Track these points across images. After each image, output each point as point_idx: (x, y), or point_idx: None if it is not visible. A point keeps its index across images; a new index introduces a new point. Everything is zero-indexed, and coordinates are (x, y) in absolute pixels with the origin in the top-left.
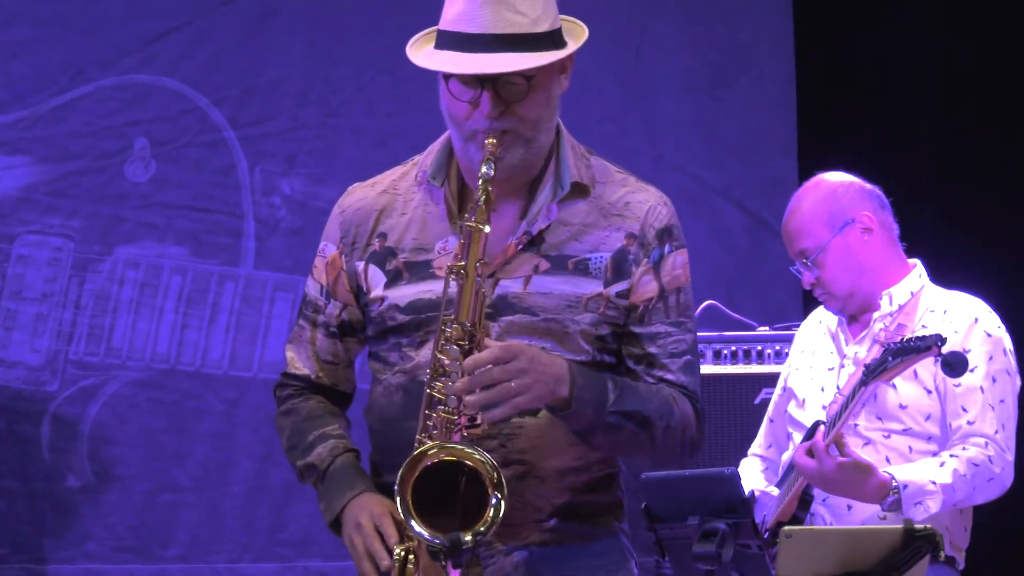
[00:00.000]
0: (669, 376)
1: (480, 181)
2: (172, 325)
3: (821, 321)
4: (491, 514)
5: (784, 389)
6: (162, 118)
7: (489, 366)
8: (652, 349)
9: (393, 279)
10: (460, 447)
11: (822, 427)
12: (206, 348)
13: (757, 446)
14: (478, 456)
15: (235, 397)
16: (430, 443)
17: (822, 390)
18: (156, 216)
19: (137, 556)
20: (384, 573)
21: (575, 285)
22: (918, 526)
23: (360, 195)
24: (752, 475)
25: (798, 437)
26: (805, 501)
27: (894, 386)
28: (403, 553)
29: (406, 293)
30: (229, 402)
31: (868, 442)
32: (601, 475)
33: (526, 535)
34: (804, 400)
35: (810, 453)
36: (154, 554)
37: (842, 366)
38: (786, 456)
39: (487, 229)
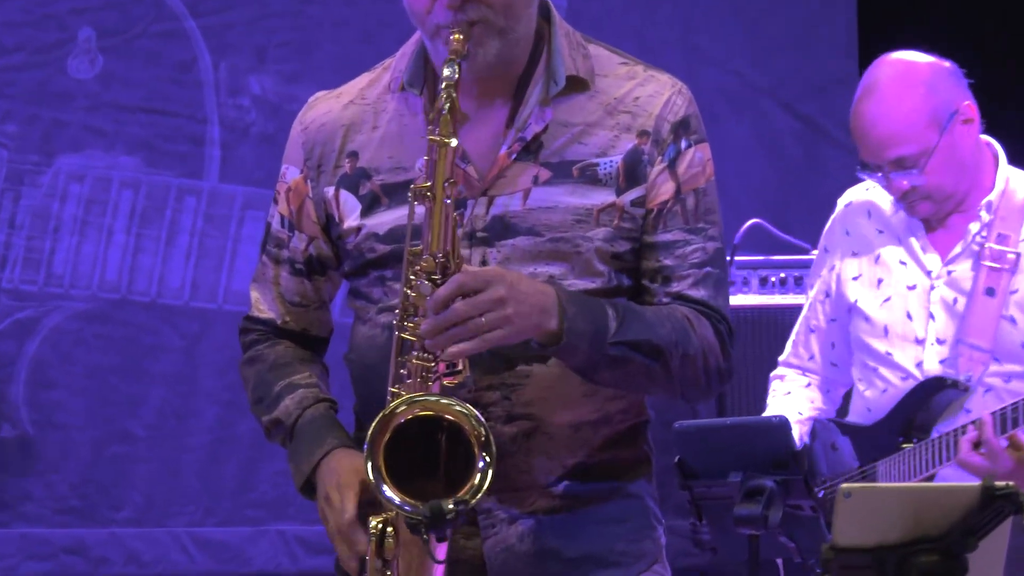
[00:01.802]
0: (686, 291)
1: (443, 86)
2: (123, 248)
3: (871, 214)
4: (477, 479)
5: (835, 296)
6: (111, 4)
7: (457, 300)
8: (667, 260)
9: (369, 205)
10: (437, 399)
11: (987, 420)
12: (163, 275)
13: (792, 355)
14: (460, 409)
15: (197, 332)
16: (402, 397)
17: (909, 317)
18: (104, 120)
19: (82, 519)
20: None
21: (583, 196)
22: (999, 483)
23: (324, 108)
24: (795, 397)
25: (891, 377)
26: None
27: (1013, 320)
28: (380, 526)
29: (385, 220)
30: (190, 338)
31: (989, 389)
32: (624, 428)
33: (533, 501)
34: (887, 328)
35: (976, 445)
36: (102, 517)
37: (932, 287)
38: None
39: (454, 143)
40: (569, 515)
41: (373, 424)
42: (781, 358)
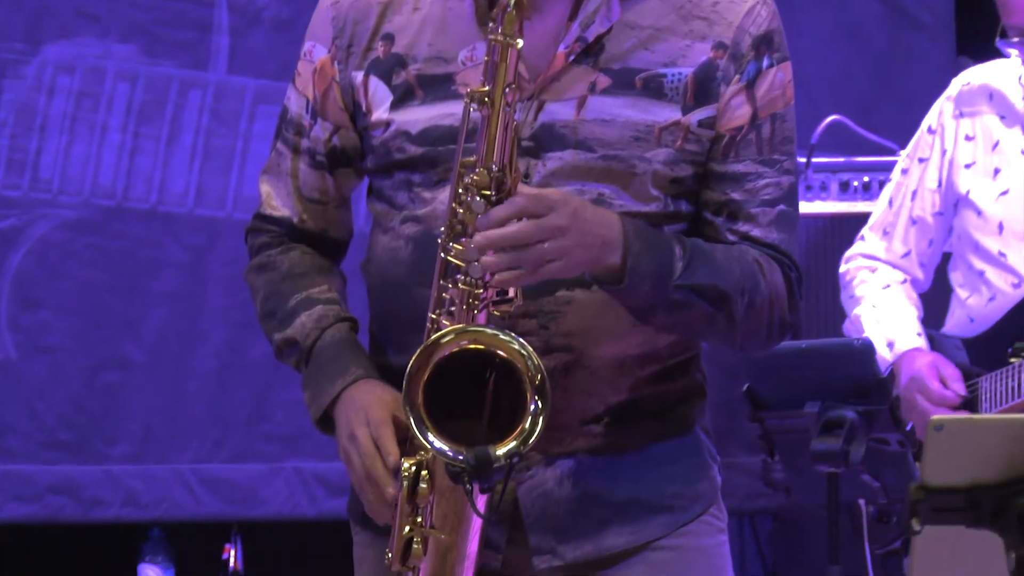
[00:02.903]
0: (756, 232)
1: None
2: (119, 149)
3: (992, 97)
4: (527, 425)
5: (944, 185)
6: None
7: (514, 222)
8: (736, 195)
9: (402, 97)
10: (490, 332)
11: None
12: (164, 179)
13: (884, 249)
14: (515, 346)
15: (203, 244)
16: (448, 327)
17: None
18: (97, 3)
19: (73, 455)
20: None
21: (645, 110)
22: None
23: None
24: (896, 295)
25: (1000, 282)
26: None
27: None
28: (413, 468)
29: (419, 117)
30: (195, 251)
31: None
32: (674, 363)
33: (572, 440)
34: (1001, 225)
35: None
36: (96, 452)
37: None
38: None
39: (519, 44)
40: (613, 455)
41: (414, 357)
42: (861, 249)
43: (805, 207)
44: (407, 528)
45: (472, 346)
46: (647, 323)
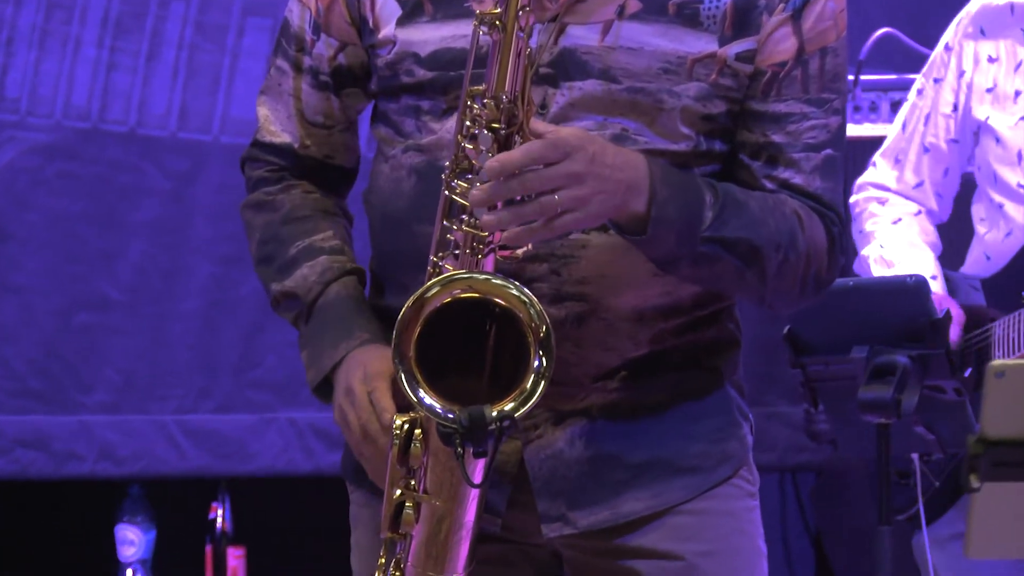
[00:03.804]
0: (797, 180)
1: None
2: (93, 65)
3: (1014, 10)
4: (529, 384)
5: (963, 111)
6: None
7: (526, 170)
8: (776, 136)
9: (411, 12)
10: (490, 279)
11: None
12: (143, 99)
13: (895, 179)
14: (517, 294)
15: (187, 171)
16: (446, 273)
17: None
18: None
19: (44, 404)
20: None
21: (677, 40)
22: None
23: None
24: (909, 229)
25: (1017, 215)
26: None
27: None
28: (405, 426)
29: (429, 37)
30: (178, 178)
31: None
32: (701, 315)
33: (584, 397)
34: (1021, 154)
35: None
36: (70, 401)
37: None
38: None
39: None
40: (631, 412)
41: (405, 306)
42: (871, 178)
43: (852, 129)
44: (398, 492)
45: (468, 295)
46: (669, 274)
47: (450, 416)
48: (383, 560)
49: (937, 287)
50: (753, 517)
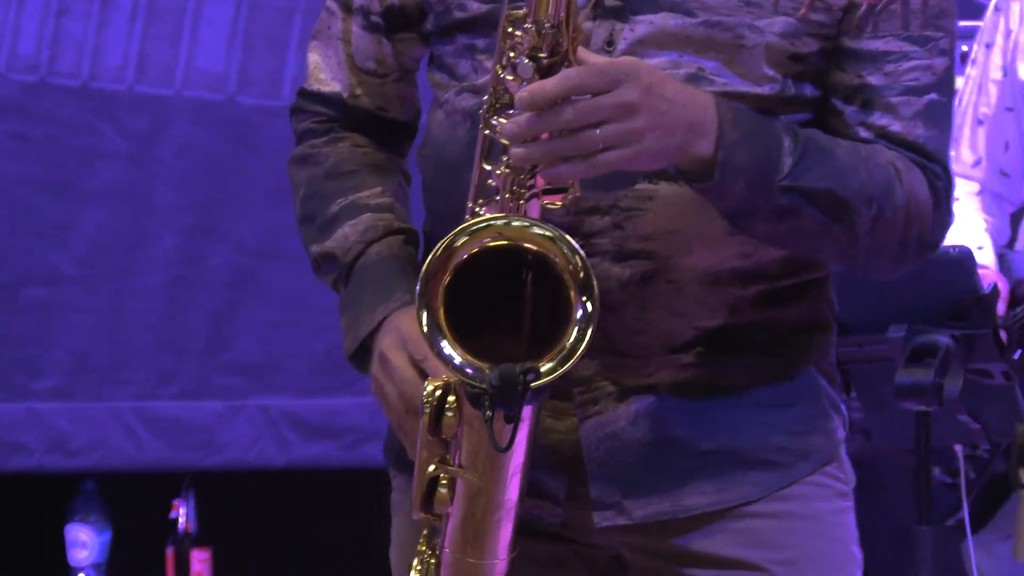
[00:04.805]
0: (896, 127)
1: None
2: (42, 10)
3: None
4: (573, 335)
5: (1011, 73)
6: None
7: (568, 99)
8: (873, 78)
9: None
10: (522, 224)
11: None
12: (97, 48)
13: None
14: (543, 233)
15: (147, 130)
16: (474, 219)
17: None
18: None
19: None
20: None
21: None
22: None
23: None
24: (964, 207)
25: None
26: None
27: None
28: (437, 392)
29: None
30: (138, 138)
31: None
32: (787, 285)
33: (653, 372)
34: None
35: None
36: (16, 386)
37: None
38: None
39: None
40: (704, 393)
41: (429, 258)
42: None
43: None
44: (431, 467)
45: (494, 243)
46: (745, 232)
47: (479, 375)
48: (423, 547)
49: (986, 259)
50: (844, 520)
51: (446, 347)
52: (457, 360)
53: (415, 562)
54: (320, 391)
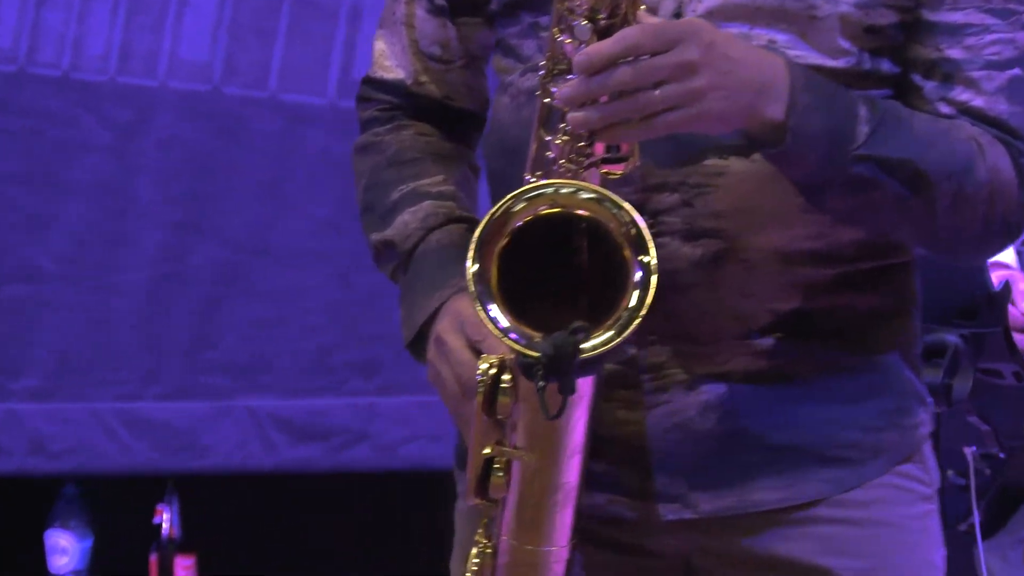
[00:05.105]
0: (977, 102)
1: None
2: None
3: None
4: (635, 298)
5: None
6: None
7: (626, 60)
8: (952, 51)
9: None
10: (570, 189)
11: None
12: (79, 38)
13: None
14: (589, 196)
15: (130, 122)
16: (529, 185)
17: None
18: None
19: None
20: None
21: None
22: None
23: None
24: None
25: None
26: None
27: None
28: (492, 371)
29: None
30: (120, 131)
31: None
32: (868, 268)
33: (725, 359)
34: None
35: None
36: None
37: None
38: None
39: None
40: (778, 383)
41: (483, 222)
42: None
43: None
44: (486, 449)
45: (549, 209)
46: (819, 207)
47: (531, 343)
48: (480, 538)
49: (1007, 255)
50: (926, 526)
51: (492, 311)
52: (506, 326)
53: (472, 552)
54: (308, 392)
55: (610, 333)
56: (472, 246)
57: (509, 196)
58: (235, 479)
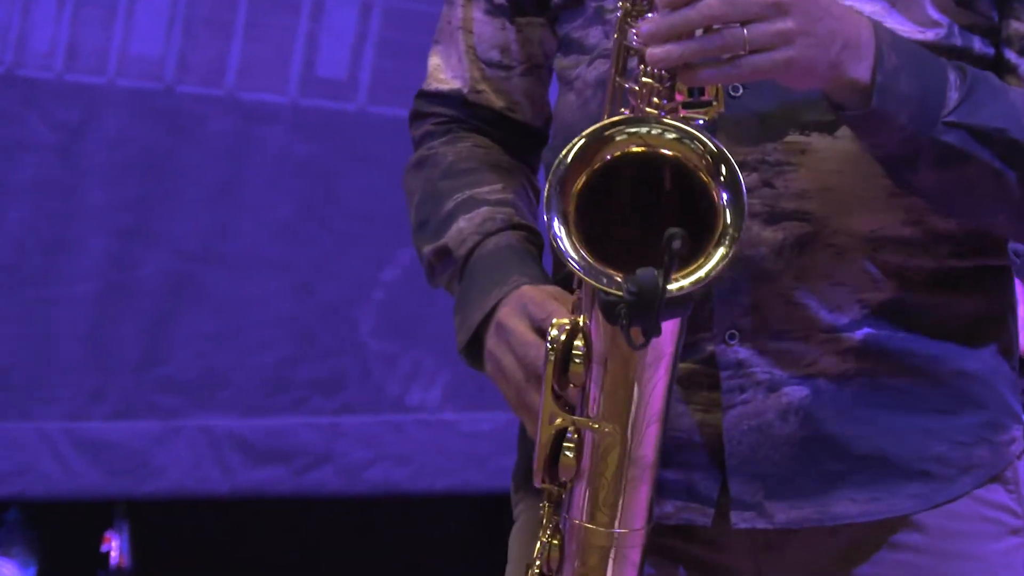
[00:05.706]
0: None
1: None
2: None
3: None
4: (725, 230)
5: None
6: None
7: None
8: None
9: None
10: (661, 129)
11: None
12: (23, 33)
13: None
14: (670, 135)
15: (77, 122)
16: (613, 119)
17: None
18: None
19: None
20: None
21: None
22: None
23: None
24: None
25: None
26: None
27: None
28: (562, 337)
29: None
30: (67, 130)
31: None
32: (963, 267)
33: (814, 357)
34: None
35: None
36: None
37: None
38: None
39: None
40: (867, 388)
41: (559, 158)
42: None
43: None
44: (557, 419)
45: (635, 148)
46: (907, 186)
47: (614, 283)
48: (544, 536)
49: None
50: (1011, 562)
51: (569, 251)
52: (585, 265)
53: (535, 550)
54: (267, 410)
55: (698, 275)
56: (548, 185)
57: (583, 134)
58: (189, 504)
